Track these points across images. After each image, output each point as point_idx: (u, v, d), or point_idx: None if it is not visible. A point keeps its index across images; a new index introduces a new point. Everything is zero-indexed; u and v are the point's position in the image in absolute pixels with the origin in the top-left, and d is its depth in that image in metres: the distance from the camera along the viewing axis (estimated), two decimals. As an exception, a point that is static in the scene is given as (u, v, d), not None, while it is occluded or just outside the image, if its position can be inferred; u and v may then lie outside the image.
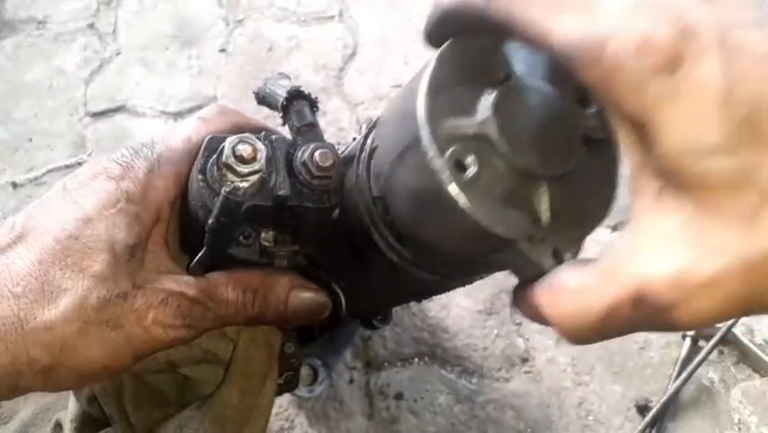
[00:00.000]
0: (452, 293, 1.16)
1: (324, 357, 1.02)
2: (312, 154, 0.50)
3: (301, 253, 0.57)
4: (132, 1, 1.45)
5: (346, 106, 1.31)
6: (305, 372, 1.00)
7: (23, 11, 1.43)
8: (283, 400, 1.09)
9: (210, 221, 0.48)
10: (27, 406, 0.69)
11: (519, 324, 1.16)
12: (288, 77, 0.58)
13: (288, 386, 0.74)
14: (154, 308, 0.49)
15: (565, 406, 1.11)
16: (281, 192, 0.49)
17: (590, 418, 1.10)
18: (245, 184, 0.47)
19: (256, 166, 0.47)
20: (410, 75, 0.53)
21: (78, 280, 0.47)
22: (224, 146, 0.47)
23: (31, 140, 1.30)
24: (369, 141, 0.55)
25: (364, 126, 0.58)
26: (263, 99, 0.57)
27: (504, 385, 1.12)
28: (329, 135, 1.24)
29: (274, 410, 1.08)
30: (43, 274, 0.46)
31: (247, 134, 0.47)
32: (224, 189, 0.47)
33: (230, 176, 0.47)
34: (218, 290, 0.52)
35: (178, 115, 1.33)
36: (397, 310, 1.14)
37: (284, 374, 0.73)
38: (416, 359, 1.13)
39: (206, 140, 0.50)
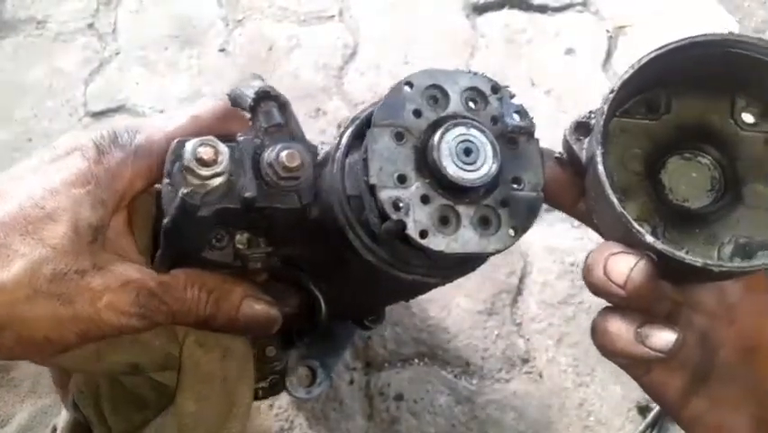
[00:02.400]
0: (452, 293, 1.16)
1: (322, 358, 1.01)
2: (278, 155, 0.50)
3: (275, 255, 0.57)
4: (131, 1, 1.44)
5: (346, 106, 1.31)
6: (303, 373, 1.00)
7: (23, 11, 1.42)
8: (283, 401, 1.08)
9: (165, 221, 0.48)
10: (24, 409, 0.69)
11: (519, 324, 1.16)
12: (260, 78, 0.57)
13: (273, 390, 0.74)
14: (112, 291, 0.49)
15: (566, 407, 1.10)
16: (247, 194, 0.49)
17: (591, 418, 1.10)
18: (208, 187, 0.47)
19: (218, 169, 0.46)
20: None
21: (36, 248, 0.47)
22: (185, 149, 0.47)
23: (30, 140, 1.30)
24: (344, 139, 0.54)
25: (342, 125, 0.57)
26: (235, 101, 0.56)
27: (504, 386, 1.12)
28: (329, 135, 1.24)
29: (274, 411, 1.08)
30: (2, 237, 0.47)
31: (209, 137, 0.47)
32: (182, 192, 0.46)
33: (191, 179, 0.46)
34: (176, 285, 0.53)
35: (177, 115, 1.33)
36: (397, 310, 1.14)
37: (269, 378, 0.72)
38: (416, 360, 1.13)
39: (173, 144, 0.50)
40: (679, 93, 0.55)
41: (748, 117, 0.54)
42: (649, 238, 0.45)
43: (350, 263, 0.56)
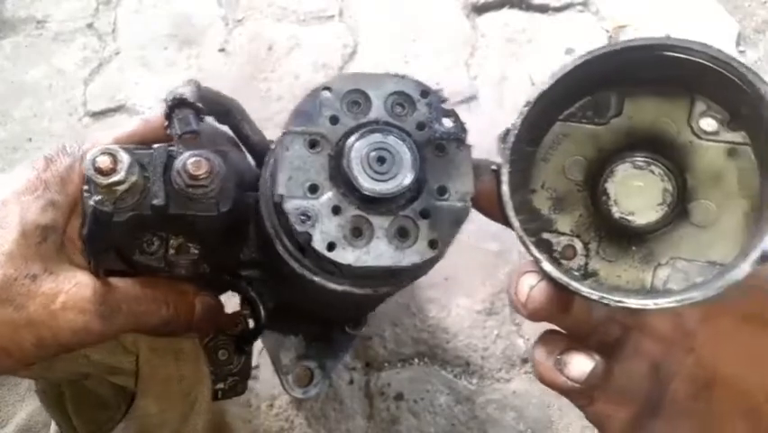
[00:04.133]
0: (451, 293, 1.16)
1: (321, 360, 1.01)
2: (185, 163, 0.48)
3: (205, 261, 0.57)
4: (131, 0, 1.44)
5: (346, 106, 1.31)
6: (301, 373, 1.00)
7: (23, 10, 1.42)
8: (283, 401, 1.08)
9: (84, 230, 0.48)
10: (23, 409, 0.69)
11: (519, 324, 1.16)
12: (195, 83, 0.55)
13: (233, 390, 0.75)
14: (66, 292, 0.49)
15: (566, 406, 1.10)
16: (155, 201, 0.48)
17: (591, 418, 1.10)
18: (116, 194, 0.46)
19: (115, 177, 0.45)
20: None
21: None
22: (87, 159, 0.46)
23: (30, 140, 1.30)
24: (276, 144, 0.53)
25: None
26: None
27: (504, 386, 1.12)
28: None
29: (274, 411, 1.08)
30: None
31: (111, 146, 0.46)
32: (92, 201, 0.46)
33: (95, 187, 0.46)
34: (131, 288, 0.53)
35: (177, 115, 1.33)
36: (396, 310, 1.14)
37: (228, 379, 0.74)
38: (416, 359, 1.13)
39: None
40: (633, 94, 0.49)
41: (708, 124, 0.48)
42: (546, 266, 0.43)
43: (284, 273, 0.55)
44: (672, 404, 0.48)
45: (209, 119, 0.60)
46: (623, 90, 0.49)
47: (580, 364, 0.44)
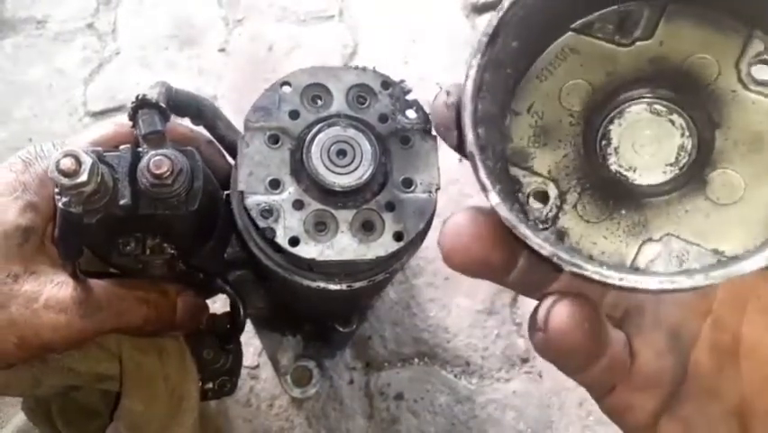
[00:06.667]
0: (452, 293, 1.16)
1: (319, 359, 1.02)
2: (148, 162, 0.48)
3: (179, 261, 0.57)
4: (131, 1, 1.44)
5: (346, 106, 1.31)
6: (300, 373, 1.00)
7: (23, 11, 1.42)
8: (283, 401, 1.08)
9: (56, 232, 0.49)
10: (22, 412, 0.69)
11: (519, 324, 1.16)
12: (163, 85, 0.55)
13: (221, 390, 0.75)
14: (48, 290, 0.49)
15: (566, 406, 1.10)
16: (122, 201, 0.48)
17: (591, 418, 1.10)
18: (83, 196, 0.46)
19: (78, 179, 0.45)
20: (410, 75, 0.52)
21: None
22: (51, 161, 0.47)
23: (30, 140, 1.30)
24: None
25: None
26: None
27: (504, 385, 1.12)
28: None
29: (274, 411, 1.08)
30: None
31: (73, 148, 0.46)
32: (60, 203, 0.46)
33: (62, 189, 0.46)
34: (112, 287, 0.53)
35: (177, 115, 1.33)
36: (397, 310, 1.14)
37: (218, 379, 0.74)
38: (417, 359, 1.13)
39: None
40: (674, 14, 0.37)
41: (761, 71, 0.36)
42: (493, 197, 0.33)
43: (262, 270, 0.54)
44: (695, 380, 0.39)
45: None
46: (661, 6, 0.37)
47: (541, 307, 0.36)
